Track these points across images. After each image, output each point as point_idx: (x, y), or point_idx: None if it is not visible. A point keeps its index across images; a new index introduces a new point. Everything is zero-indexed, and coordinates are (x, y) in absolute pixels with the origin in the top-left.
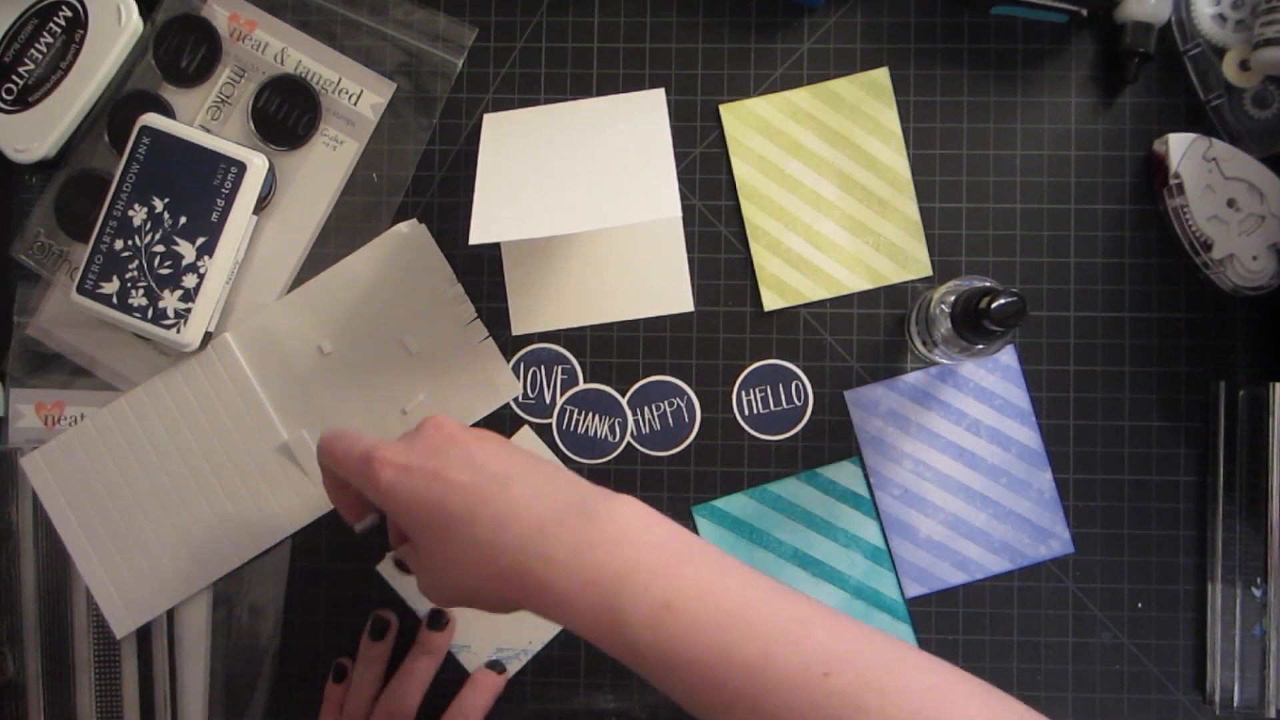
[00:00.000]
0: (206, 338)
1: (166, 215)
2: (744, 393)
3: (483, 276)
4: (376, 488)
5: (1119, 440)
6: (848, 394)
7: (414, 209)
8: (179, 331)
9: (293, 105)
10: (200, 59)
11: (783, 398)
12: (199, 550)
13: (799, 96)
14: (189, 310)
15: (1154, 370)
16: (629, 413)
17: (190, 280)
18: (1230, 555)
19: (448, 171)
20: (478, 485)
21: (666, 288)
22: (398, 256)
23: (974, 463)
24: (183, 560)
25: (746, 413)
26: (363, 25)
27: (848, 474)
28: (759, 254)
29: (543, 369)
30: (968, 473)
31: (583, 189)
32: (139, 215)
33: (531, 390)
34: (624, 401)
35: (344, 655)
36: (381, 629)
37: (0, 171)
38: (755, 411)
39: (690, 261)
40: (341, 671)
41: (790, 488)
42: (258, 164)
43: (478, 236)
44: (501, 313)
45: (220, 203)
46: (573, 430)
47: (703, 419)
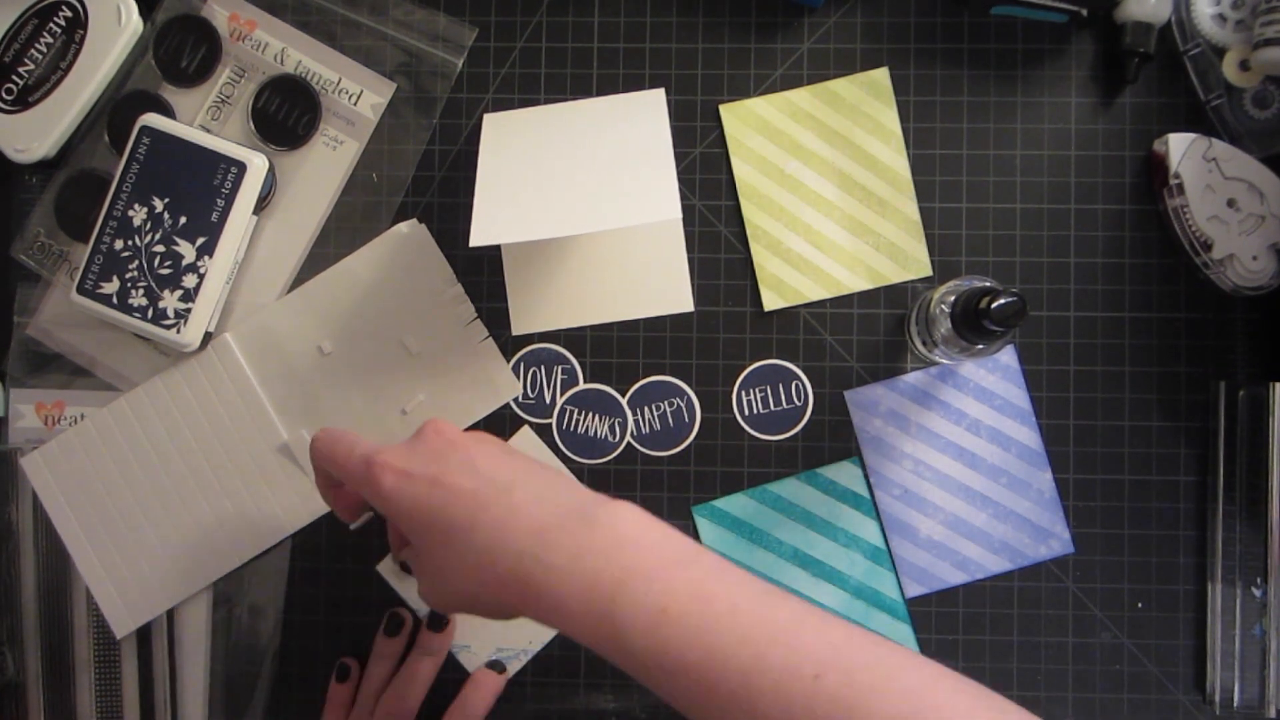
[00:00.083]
0: (206, 338)
1: (166, 215)
2: (744, 393)
3: (483, 276)
4: (377, 493)
5: (1119, 440)
6: (848, 394)
7: (414, 209)
8: (179, 331)
9: (293, 105)
10: (200, 59)
11: (783, 398)
12: (199, 550)
13: (799, 96)
14: (189, 310)
15: (1154, 370)
16: (629, 413)
17: (190, 280)
18: (1230, 555)
19: (448, 171)
20: (479, 491)
21: (666, 288)
22: (398, 256)
23: (974, 463)
24: (183, 560)
25: (746, 413)
26: (363, 25)
27: (848, 474)
28: (759, 254)
29: (543, 369)
30: (968, 473)
31: (583, 190)
32: (139, 215)
33: (531, 390)
34: (624, 401)
35: (344, 655)
36: (397, 625)
37: (0, 171)
38: (755, 411)
39: (690, 261)
40: (345, 671)
41: (790, 488)
42: (258, 164)
43: (478, 238)
44: (501, 313)
45: (220, 203)
46: (573, 430)
47: (703, 419)
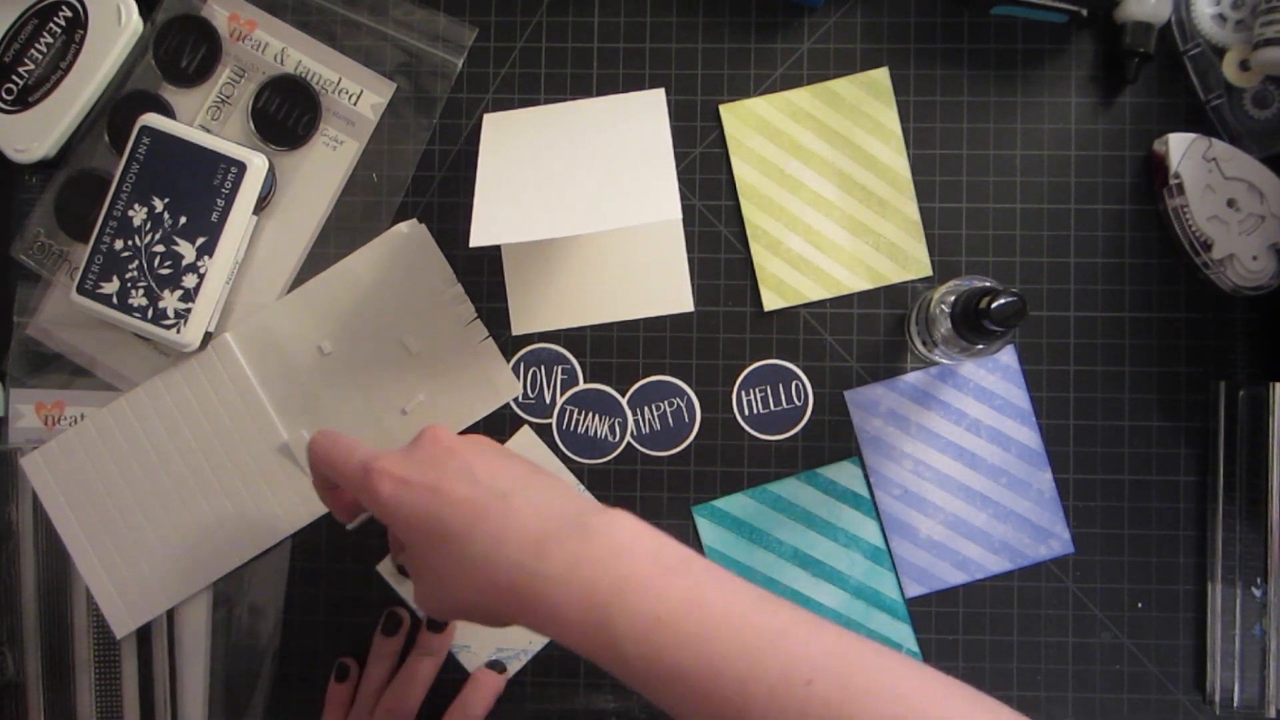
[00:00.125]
0: (206, 338)
1: (166, 215)
2: (744, 393)
3: (483, 276)
4: (375, 499)
5: (1119, 440)
6: (848, 394)
7: (414, 209)
8: (179, 331)
9: (293, 105)
10: (200, 59)
11: (783, 398)
12: (199, 550)
13: (799, 96)
14: (189, 310)
15: (1154, 370)
16: (629, 413)
17: (190, 280)
18: (1230, 555)
19: (448, 171)
20: (476, 500)
21: (666, 288)
22: (398, 256)
23: (974, 463)
24: (183, 560)
25: (746, 413)
26: (363, 25)
27: (848, 474)
28: (759, 254)
29: (543, 369)
30: (968, 473)
31: (583, 190)
32: (139, 215)
33: (531, 390)
34: (624, 401)
35: (344, 655)
36: (395, 624)
37: (0, 171)
38: (755, 411)
39: (690, 261)
40: (344, 671)
41: (790, 488)
42: (258, 164)
43: (478, 239)
44: (501, 313)
45: (220, 203)
46: (573, 430)
47: (703, 419)
